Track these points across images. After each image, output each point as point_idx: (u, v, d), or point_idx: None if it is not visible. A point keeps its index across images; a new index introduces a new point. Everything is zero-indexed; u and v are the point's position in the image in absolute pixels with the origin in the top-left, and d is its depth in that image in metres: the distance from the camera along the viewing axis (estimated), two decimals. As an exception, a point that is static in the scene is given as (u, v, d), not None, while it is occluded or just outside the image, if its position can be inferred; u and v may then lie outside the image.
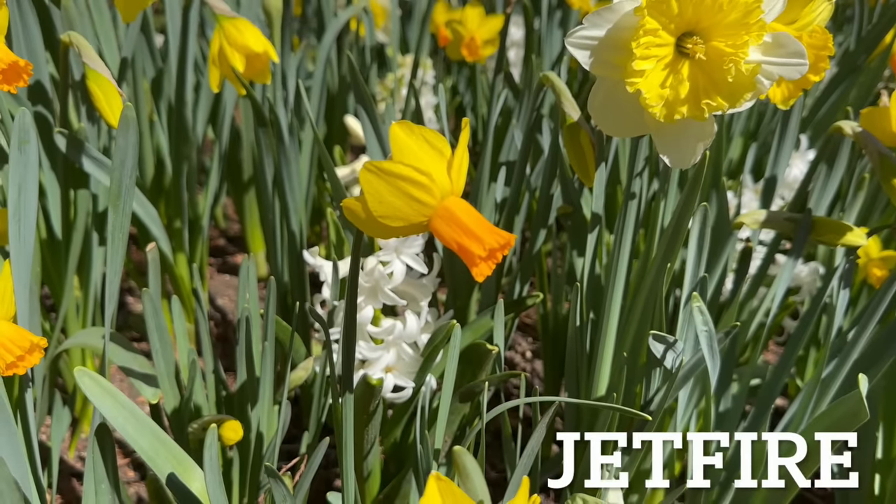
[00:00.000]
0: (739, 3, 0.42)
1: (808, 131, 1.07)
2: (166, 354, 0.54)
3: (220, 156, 0.85)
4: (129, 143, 0.42)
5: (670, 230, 0.50)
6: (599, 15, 0.44)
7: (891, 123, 0.67)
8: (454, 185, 0.35)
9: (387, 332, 0.59)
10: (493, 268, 0.35)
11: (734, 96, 0.44)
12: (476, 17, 0.94)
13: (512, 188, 0.68)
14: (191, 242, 0.86)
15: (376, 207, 0.34)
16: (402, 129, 0.35)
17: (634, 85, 0.44)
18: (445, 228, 0.34)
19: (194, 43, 0.86)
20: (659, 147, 0.48)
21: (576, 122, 0.54)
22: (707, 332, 0.48)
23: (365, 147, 0.90)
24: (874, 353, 0.59)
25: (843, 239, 0.56)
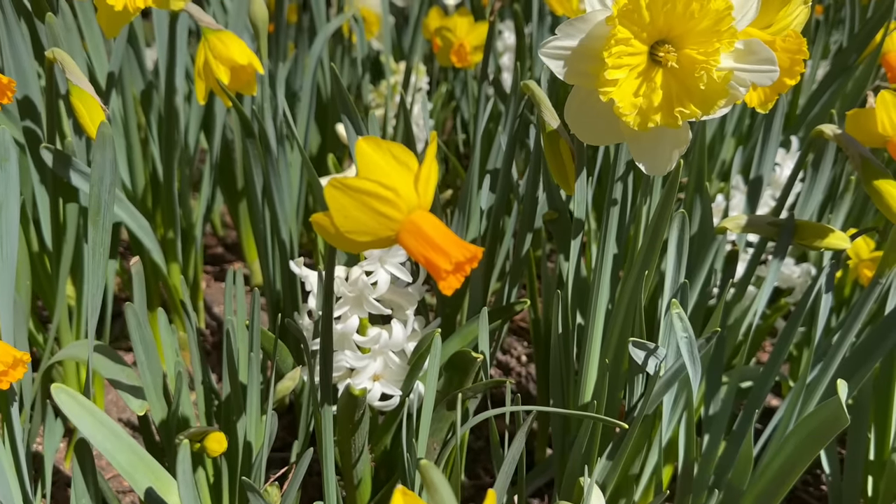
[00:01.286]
0: (710, 11, 0.43)
1: (801, 130, 1.07)
2: (152, 367, 0.55)
3: (212, 165, 0.86)
4: (106, 160, 0.43)
5: (647, 239, 0.50)
6: (572, 25, 0.45)
7: (876, 125, 0.67)
8: (421, 198, 0.35)
9: (373, 340, 0.59)
10: (462, 280, 0.35)
11: (707, 103, 0.44)
12: (465, 25, 0.94)
13: (497, 194, 0.69)
14: (184, 252, 0.87)
15: (342, 223, 0.34)
16: (368, 145, 0.35)
17: (608, 94, 0.44)
18: (412, 242, 0.35)
19: (184, 53, 0.87)
20: (634, 154, 0.48)
21: (555, 130, 0.54)
22: (687, 338, 0.49)
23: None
24: (860, 356, 0.59)
25: (825, 242, 0.56)
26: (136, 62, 0.79)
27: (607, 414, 0.58)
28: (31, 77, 0.64)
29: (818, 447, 0.51)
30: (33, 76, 0.66)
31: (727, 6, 0.42)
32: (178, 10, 0.63)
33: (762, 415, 0.91)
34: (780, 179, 0.88)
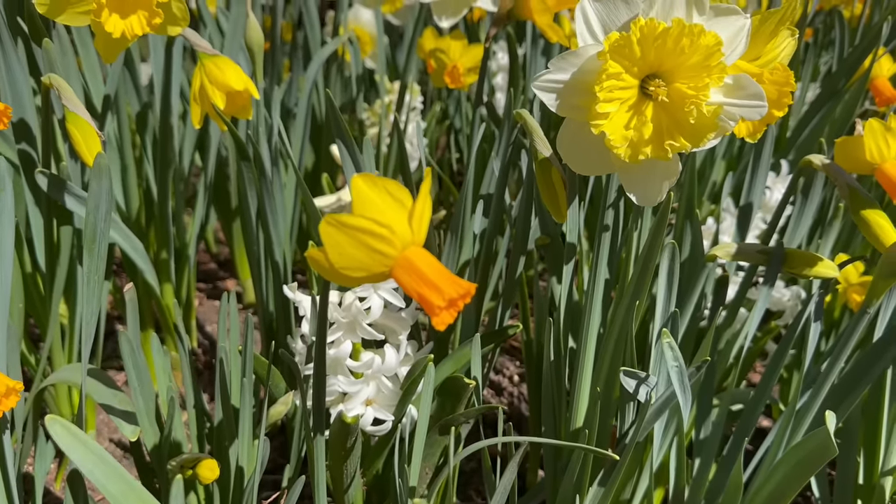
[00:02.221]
0: (700, 47, 0.43)
1: (792, 154, 1.08)
2: (144, 392, 0.55)
3: (206, 186, 0.86)
4: (102, 189, 0.43)
5: (638, 269, 0.51)
6: (564, 59, 0.45)
7: (864, 152, 0.68)
8: (415, 234, 0.36)
9: (366, 366, 0.59)
10: (455, 315, 0.36)
11: (697, 137, 0.45)
12: (458, 47, 0.95)
13: (490, 219, 0.69)
14: (177, 272, 0.87)
15: (337, 259, 0.35)
16: (363, 182, 0.35)
17: (599, 127, 0.45)
18: (406, 278, 0.35)
19: (179, 73, 0.87)
20: (625, 185, 0.48)
21: (547, 159, 0.55)
22: (678, 367, 0.49)
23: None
24: (848, 383, 0.60)
25: (814, 270, 0.57)
26: (132, 83, 0.79)
27: (599, 439, 0.59)
28: (27, 100, 0.64)
29: (807, 476, 0.51)
30: (29, 99, 0.66)
31: (717, 42, 0.43)
32: (175, 35, 0.64)
33: (754, 435, 0.92)
34: (771, 203, 0.89)
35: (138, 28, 0.57)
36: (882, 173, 0.68)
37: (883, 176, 0.68)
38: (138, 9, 0.57)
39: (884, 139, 0.67)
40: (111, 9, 0.56)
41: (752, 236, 0.86)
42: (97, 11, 0.55)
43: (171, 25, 0.61)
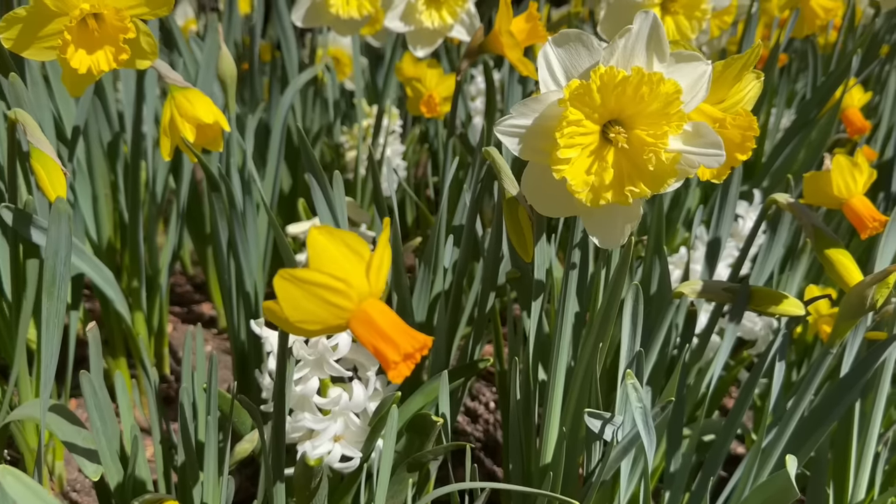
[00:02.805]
0: (660, 94, 0.44)
1: (766, 180, 1.09)
2: (107, 431, 0.54)
3: (179, 213, 0.85)
4: (61, 234, 0.43)
5: (602, 312, 0.51)
6: (526, 105, 0.46)
7: (832, 187, 0.69)
8: (373, 286, 0.36)
9: (333, 402, 0.59)
10: (412, 368, 0.36)
11: (657, 183, 0.45)
12: (434, 76, 0.96)
13: (461, 251, 0.69)
14: (149, 300, 0.86)
15: (292, 314, 0.34)
16: (321, 234, 0.35)
17: (560, 172, 0.45)
18: (362, 332, 0.35)
19: (153, 101, 0.87)
20: (588, 228, 0.49)
21: (514, 198, 0.55)
22: (641, 409, 0.49)
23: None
24: (815, 419, 0.60)
25: (780, 308, 0.57)
26: (104, 112, 0.79)
27: (567, 476, 0.59)
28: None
29: (772, 515, 0.51)
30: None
31: (676, 90, 0.43)
32: (145, 69, 0.63)
33: (730, 461, 0.92)
34: (742, 232, 0.90)
35: (105, 64, 0.57)
36: (849, 208, 0.69)
37: (850, 211, 0.69)
38: (105, 44, 0.57)
39: (850, 175, 0.68)
40: (77, 45, 0.56)
41: (725, 264, 0.87)
42: (63, 48, 0.55)
43: (139, 59, 0.61)
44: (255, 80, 1.15)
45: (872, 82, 1.30)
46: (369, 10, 0.82)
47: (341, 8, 0.81)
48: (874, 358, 0.59)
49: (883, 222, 0.67)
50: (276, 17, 1.00)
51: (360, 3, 0.81)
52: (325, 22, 0.83)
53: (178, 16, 1.47)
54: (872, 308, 0.51)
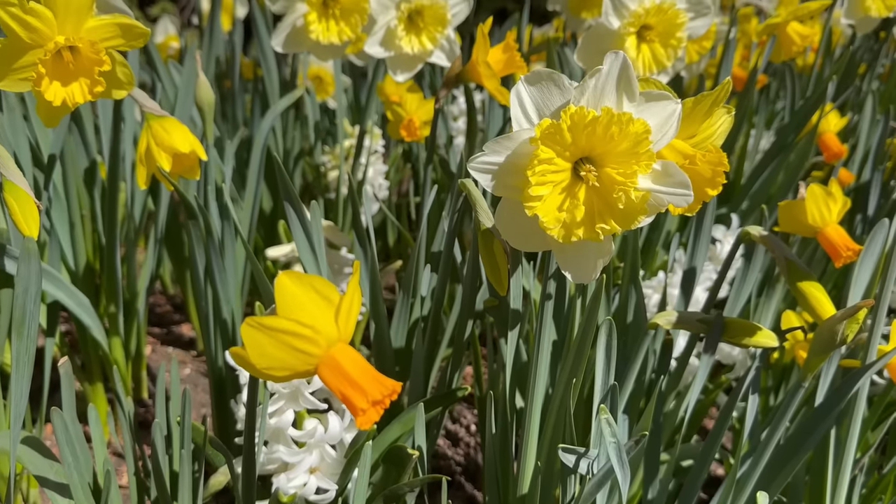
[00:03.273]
0: (630, 134, 0.44)
1: (746, 202, 1.10)
2: (79, 465, 0.54)
3: (157, 238, 0.85)
4: (31, 272, 0.43)
5: (574, 349, 0.51)
6: (498, 142, 0.46)
7: (807, 216, 0.70)
8: (341, 331, 0.36)
9: (308, 434, 0.59)
10: (381, 412, 0.36)
11: (627, 220, 0.45)
12: (415, 101, 0.96)
13: (439, 278, 0.69)
14: (126, 325, 0.86)
15: (259, 360, 0.34)
16: (289, 279, 0.35)
17: (532, 209, 0.45)
18: (330, 378, 0.35)
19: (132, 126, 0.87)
20: (560, 263, 0.49)
21: (489, 230, 0.55)
22: (615, 443, 0.49)
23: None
24: (790, 449, 0.61)
25: (753, 340, 0.57)
26: (81, 138, 0.79)
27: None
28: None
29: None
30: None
31: (645, 130, 0.44)
32: (122, 98, 0.63)
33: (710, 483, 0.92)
34: (720, 255, 0.91)
35: (80, 96, 0.57)
36: (824, 237, 0.69)
37: (825, 240, 0.69)
38: (80, 76, 0.57)
39: (825, 204, 0.69)
40: (52, 77, 0.56)
41: (703, 288, 0.87)
42: (37, 81, 0.55)
43: (116, 90, 0.61)
44: (237, 99, 1.16)
45: (850, 103, 1.32)
46: (350, 35, 0.82)
47: (321, 34, 0.81)
48: (848, 387, 0.60)
49: (857, 251, 0.68)
50: (257, 39, 1.00)
51: (340, 29, 0.82)
52: (305, 48, 0.83)
53: (158, 32, 1.47)
54: (843, 343, 0.52)
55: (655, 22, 0.71)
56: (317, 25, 0.80)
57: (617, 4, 0.71)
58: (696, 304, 0.82)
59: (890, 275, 0.57)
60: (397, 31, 0.81)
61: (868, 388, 0.71)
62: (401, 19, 0.81)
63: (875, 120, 1.15)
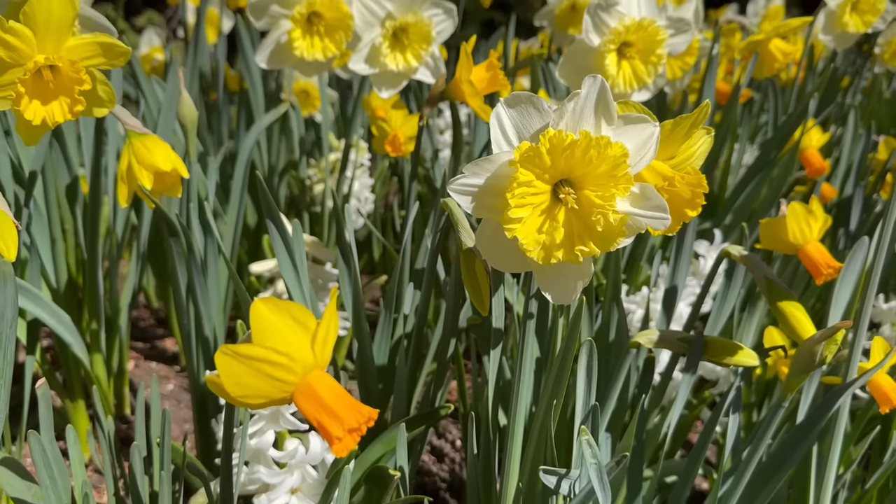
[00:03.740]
0: (608, 157, 0.44)
1: (730, 216, 1.11)
2: (57, 488, 0.53)
3: (139, 254, 0.85)
4: (6, 297, 0.42)
5: (555, 371, 0.51)
6: (478, 165, 0.46)
7: (788, 234, 0.70)
8: (318, 358, 0.36)
9: (289, 455, 0.58)
10: (358, 440, 0.35)
11: (606, 242, 0.45)
12: (399, 117, 0.96)
13: (422, 298, 0.69)
14: (108, 341, 0.85)
15: (234, 389, 0.34)
16: (265, 306, 0.35)
17: (512, 231, 0.45)
18: (306, 405, 0.35)
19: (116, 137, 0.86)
20: (541, 285, 0.49)
21: (470, 250, 0.55)
22: (596, 465, 0.49)
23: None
24: (771, 467, 0.61)
25: (734, 359, 0.57)
26: (62, 155, 0.78)
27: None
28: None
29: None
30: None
31: (623, 153, 0.44)
32: (103, 116, 0.63)
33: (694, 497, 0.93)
34: (703, 271, 0.91)
35: (59, 115, 0.57)
36: (805, 255, 0.70)
37: (806, 257, 0.70)
38: (60, 95, 0.57)
39: (806, 221, 0.69)
40: (31, 96, 0.56)
41: (686, 303, 0.88)
42: (16, 100, 0.55)
43: (97, 108, 0.61)
44: (222, 113, 1.15)
45: (833, 117, 1.33)
46: (334, 52, 0.82)
47: (306, 50, 0.81)
48: (829, 405, 0.60)
49: (837, 269, 0.69)
50: (241, 54, 1.00)
51: (325, 45, 0.82)
52: (289, 64, 0.83)
53: (142, 43, 1.47)
54: (822, 364, 0.52)
55: (636, 39, 0.72)
56: (301, 42, 0.80)
57: (597, 22, 0.71)
58: (680, 320, 0.82)
59: (870, 292, 0.58)
60: (382, 49, 0.81)
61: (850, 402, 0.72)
62: (385, 36, 0.81)
63: (857, 134, 1.16)
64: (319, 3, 0.79)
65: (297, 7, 0.78)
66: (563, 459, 0.63)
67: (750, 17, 1.59)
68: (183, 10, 1.42)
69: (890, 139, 1.18)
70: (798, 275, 0.90)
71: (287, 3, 0.79)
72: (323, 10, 0.79)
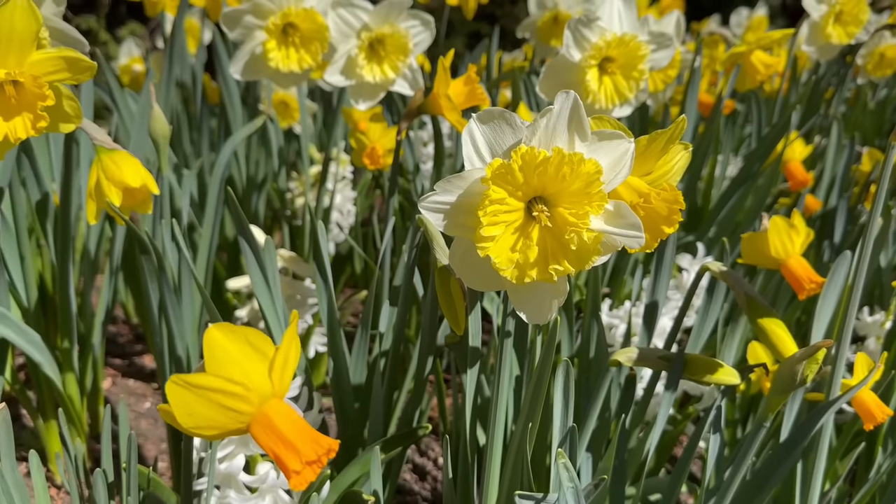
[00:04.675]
0: (582, 174, 0.43)
1: (713, 228, 1.10)
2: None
3: (112, 270, 0.83)
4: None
5: (531, 391, 0.50)
6: (450, 182, 0.45)
7: (769, 248, 0.69)
8: (276, 387, 0.34)
9: (260, 479, 0.57)
10: (318, 472, 0.34)
11: (581, 261, 0.44)
12: (378, 129, 0.95)
13: (398, 314, 0.68)
14: (81, 361, 0.83)
15: (185, 420, 0.33)
16: (220, 332, 0.34)
17: (485, 250, 0.44)
18: (262, 436, 0.33)
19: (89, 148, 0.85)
20: (515, 304, 0.48)
21: (445, 267, 0.54)
22: (573, 488, 0.48)
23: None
24: (755, 485, 0.60)
25: (714, 377, 0.56)
26: (33, 171, 0.77)
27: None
28: None
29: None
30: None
31: (597, 170, 0.43)
32: (69, 132, 0.61)
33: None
34: (687, 284, 0.90)
35: (22, 132, 0.55)
36: (787, 269, 0.69)
37: (788, 272, 0.69)
38: (23, 111, 0.55)
39: (787, 236, 0.68)
40: (-7, 112, 0.54)
41: (669, 318, 0.87)
42: (-24, 116, 0.53)
43: (63, 123, 0.59)
44: (203, 124, 1.14)
45: (817, 128, 1.33)
46: (310, 63, 0.81)
47: (281, 62, 0.80)
48: (812, 423, 0.59)
49: (820, 283, 0.68)
50: (218, 67, 0.99)
51: (300, 56, 0.80)
52: (264, 75, 0.81)
53: (122, 54, 1.45)
54: (803, 383, 0.51)
55: (617, 54, 0.71)
56: (276, 53, 0.79)
57: (578, 37, 0.70)
58: (663, 334, 0.81)
59: (851, 309, 0.57)
60: (358, 60, 0.80)
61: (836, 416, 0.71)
62: (361, 48, 0.80)
63: (841, 145, 1.15)
64: (294, 13, 0.77)
65: (271, 18, 0.77)
66: (544, 481, 0.62)
67: (733, 27, 1.59)
68: (164, 21, 1.41)
69: (874, 150, 1.18)
70: (783, 288, 0.89)
71: (261, 14, 0.78)
72: (298, 22, 0.78)
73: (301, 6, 0.78)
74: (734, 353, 0.80)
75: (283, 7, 0.78)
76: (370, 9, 0.80)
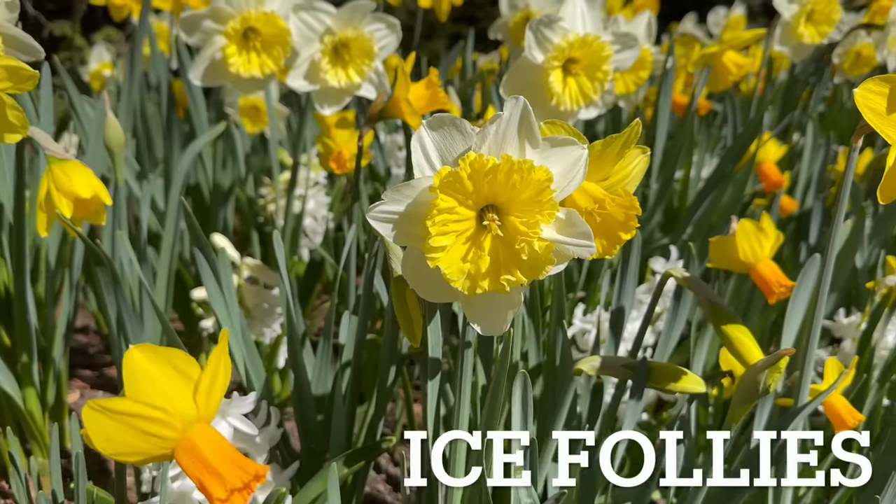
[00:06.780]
0: (532, 181, 0.42)
1: (689, 229, 1.09)
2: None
3: (73, 283, 0.81)
4: None
5: (487, 403, 0.49)
6: (398, 191, 0.43)
7: (737, 252, 0.68)
8: (202, 411, 0.33)
9: (215, 498, 0.55)
10: (248, 498, 0.32)
11: (534, 271, 0.43)
12: (345, 134, 0.93)
13: (358, 324, 0.66)
14: (43, 375, 0.81)
15: (104, 446, 0.31)
16: (141, 354, 0.32)
17: (434, 261, 0.43)
18: (187, 463, 0.32)
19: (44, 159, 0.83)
20: (468, 315, 0.46)
21: (401, 277, 0.53)
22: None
23: (232, 264, 0.87)
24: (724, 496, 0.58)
25: (679, 386, 0.55)
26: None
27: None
28: None
29: None
30: None
31: (547, 178, 0.42)
32: (16, 142, 0.60)
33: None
34: (661, 289, 0.89)
35: (-40, 144, 0.53)
36: (756, 274, 0.68)
37: (757, 276, 0.68)
38: (-38, 121, 0.53)
39: (756, 239, 0.67)
40: (-70, 122, 0.53)
41: (638, 323, 0.85)
42: (-88, 127, 0.51)
43: (7, 133, 0.58)
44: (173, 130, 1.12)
45: (794, 127, 1.32)
46: (272, 68, 0.79)
47: (242, 67, 0.78)
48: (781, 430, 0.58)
49: (790, 287, 0.66)
50: (182, 72, 0.97)
51: (262, 61, 0.79)
52: (225, 80, 0.80)
53: (92, 59, 1.43)
54: (766, 393, 0.50)
55: (580, 55, 0.70)
56: (237, 58, 0.77)
57: (540, 38, 0.69)
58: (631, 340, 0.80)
59: (819, 311, 0.56)
60: (322, 64, 0.78)
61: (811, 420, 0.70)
62: (325, 52, 0.78)
63: (817, 145, 1.15)
64: (255, 18, 0.76)
65: (230, 22, 0.75)
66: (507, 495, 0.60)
67: (711, 27, 1.59)
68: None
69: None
70: (757, 292, 0.88)
71: (220, 19, 0.76)
72: (259, 26, 0.76)
73: (261, 10, 0.77)
74: (706, 358, 0.79)
75: (243, 11, 0.77)
76: (333, 12, 0.79)
